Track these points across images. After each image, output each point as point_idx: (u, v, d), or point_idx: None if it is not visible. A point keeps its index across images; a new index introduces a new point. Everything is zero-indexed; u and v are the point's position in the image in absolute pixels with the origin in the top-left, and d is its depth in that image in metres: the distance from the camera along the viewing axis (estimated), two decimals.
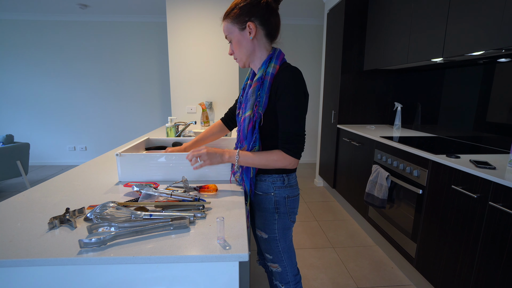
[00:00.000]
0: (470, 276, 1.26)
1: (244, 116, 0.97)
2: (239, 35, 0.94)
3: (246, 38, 0.94)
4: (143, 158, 1.11)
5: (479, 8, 1.46)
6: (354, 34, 2.75)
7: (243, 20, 0.92)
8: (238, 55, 0.98)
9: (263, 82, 0.93)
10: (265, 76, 0.93)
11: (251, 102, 0.94)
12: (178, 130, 2.12)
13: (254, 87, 0.94)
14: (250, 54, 0.97)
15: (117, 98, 4.49)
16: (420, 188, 1.60)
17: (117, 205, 0.77)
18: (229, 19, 0.94)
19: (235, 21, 0.93)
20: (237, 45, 0.96)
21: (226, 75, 3.34)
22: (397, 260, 1.94)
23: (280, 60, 0.95)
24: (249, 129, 0.95)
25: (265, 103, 0.92)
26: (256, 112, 0.93)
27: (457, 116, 2.03)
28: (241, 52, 0.97)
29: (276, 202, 1.01)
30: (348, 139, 2.63)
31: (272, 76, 0.92)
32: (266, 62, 0.95)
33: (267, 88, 0.92)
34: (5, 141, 3.26)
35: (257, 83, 0.94)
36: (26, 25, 4.15)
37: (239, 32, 0.94)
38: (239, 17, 0.92)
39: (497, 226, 1.13)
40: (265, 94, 0.92)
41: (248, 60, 0.99)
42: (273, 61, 0.94)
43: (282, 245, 1.04)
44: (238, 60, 0.99)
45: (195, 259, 0.62)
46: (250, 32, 0.93)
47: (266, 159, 0.92)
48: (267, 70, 0.93)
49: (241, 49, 0.96)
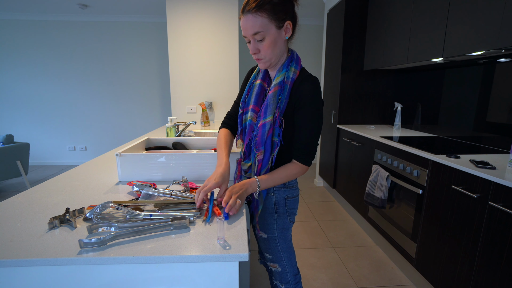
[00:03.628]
0: (470, 276, 1.26)
1: (264, 122, 0.89)
2: (276, 34, 0.84)
3: (282, 38, 0.86)
4: (143, 158, 1.11)
5: (479, 8, 1.46)
6: (354, 34, 2.75)
7: (281, 18, 0.83)
8: (268, 55, 0.86)
9: (284, 87, 0.88)
10: (286, 80, 0.89)
11: (272, 107, 0.88)
12: (178, 130, 2.12)
13: (275, 91, 0.89)
14: (280, 55, 0.89)
15: (117, 98, 4.49)
16: (420, 188, 1.60)
17: (116, 205, 0.77)
18: (264, 12, 0.80)
19: (273, 16, 0.81)
20: (272, 44, 0.84)
21: (226, 75, 3.34)
22: (397, 260, 1.94)
23: (299, 65, 0.92)
24: (268, 135, 0.89)
25: (284, 108, 0.89)
26: (278, 118, 0.89)
27: (457, 116, 2.03)
28: (273, 53, 0.86)
29: (275, 202, 1.01)
30: (348, 139, 2.63)
31: (293, 81, 0.89)
32: (287, 66, 0.90)
33: (288, 93, 0.89)
34: (5, 141, 3.26)
35: (278, 87, 0.89)
36: (26, 25, 4.15)
37: (276, 30, 0.83)
38: (278, 13, 0.81)
39: (497, 226, 1.13)
40: (285, 99, 0.88)
41: (276, 61, 0.90)
42: (293, 65, 0.90)
43: (281, 245, 1.04)
44: (265, 60, 0.88)
45: (195, 259, 0.62)
46: (286, 32, 0.86)
47: (286, 175, 0.91)
48: (287, 74, 0.89)
49: (275, 49, 0.86)
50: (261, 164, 0.93)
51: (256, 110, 0.94)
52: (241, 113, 1.00)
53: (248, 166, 0.98)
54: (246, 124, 0.97)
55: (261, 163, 0.92)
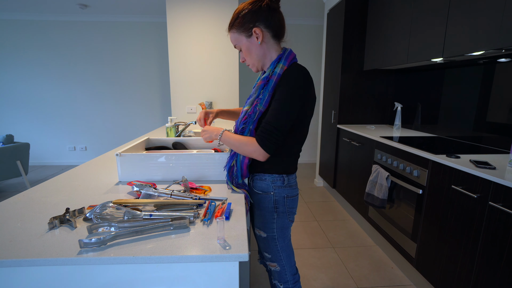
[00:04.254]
0: (470, 276, 1.26)
1: (243, 110, 1.00)
2: (247, 43, 0.96)
3: (254, 44, 0.96)
4: (143, 158, 1.11)
5: (479, 8, 1.46)
6: (354, 34, 2.75)
7: (248, 27, 0.94)
8: (250, 61, 1.00)
9: (268, 81, 0.94)
10: (271, 75, 0.94)
11: (251, 99, 0.97)
12: (178, 130, 2.12)
13: (259, 85, 0.96)
14: (261, 58, 0.98)
15: (117, 98, 4.49)
16: (420, 188, 1.60)
17: (116, 205, 0.77)
18: (234, 29, 0.96)
19: (240, 29, 0.95)
20: (247, 52, 0.98)
21: (226, 75, 3.34)
22: (397, 260, 1.94)
23: (289, 61, 0.95)
24: (241, 122, 0.98)
25: (267, 101, 0.93)
26: (254, 108, 0.94)
27: (457, 116, 2.03)
28: (252, 58, 0.99)
29: (275, 201, 1.01)
30: (348, 139, 2.63)
31: (279, 76, 0.92)
32: (275, 62, 0.95)
33: (272, 87, 0.92)
34: (5, 141, 3.26)
35: (262, 81, 0.95)
36: (26, 25, 4.15)
37: (246, 39, 0.96)
38: (244, 25, 0.94)
39: (497, 226, 1.13)
40: (268, 92, 0.93)
41: (261, 64, 1.00)
42: (282, 61, 0.94)
43: (280, 244, 1.05)
44: (251, 66, 1.01)
45: (195, 259, 0.62)
46: (257, 37, 0.94)
47: (240, 141, 0.94)
48: (274, 70, 0.94)
49: (252, 55, 0.98)
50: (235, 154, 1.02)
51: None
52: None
53: None
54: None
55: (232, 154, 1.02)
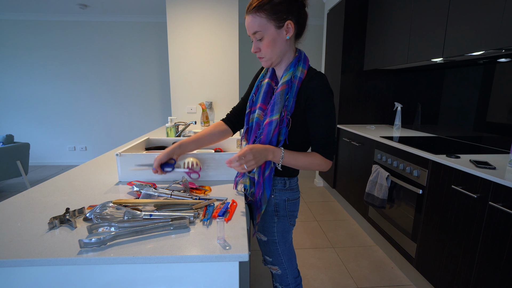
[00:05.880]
0: (470, 276, 1.26)
1: (270, 120, 0.89)
2: (275, 34, 0.85)
3: (282, 37, 0.86)
4: (143, 158, 1.11)
5: (479, 8, 1.46)
6: (354, 34, 2.75)
7: (281, 18, 0.83)
8: (268, 54, 0.88)
9: (291, 86, 0.88)
10: (293, 79, 0.89)
11: (279, 106, 0.88)
12: (178, 130, 2.12)
13: (282, 89, 0.89)
14: (281, 54, 0.90)
15: (117, 98, 4.49)
16: (420, 188, 1.60)
17: (116, 205, 0.77)
18: (263, 13, 0.82)
19: (272, 17, 0.83)
20: (271, 44, 0.86)
21: (226, 75, 3.34)
22: (397, 260, 1.94)
23: (307, 65, 0.92)
24: (274, 134, 0.88)
25: (292, 107, 0.88)
26: (285, 117, 0.88)
27: (457, 116, 2.03)
28: (273, 52, 0.88)
29: (275, 204, 0.99)
30: (348, 139, 2.63)
31: (300, 80, 0.88)
32: (294, 65, 0.90)
33: (295, 92, 0.88)
34: (5, 141, 3.26)
35: (285, 85, 0.89)
36: (26, 25, 4.15)
37: (275, 30, 0.84)
38: (277, 13, 0.82)
39: (497, 226, 1.13)
40: (292, 98, 0.88)
41: (278, 60, 0.91)
42: (301, 64, 0.90)
43: (281, 248, 1.03)
44: (266, 59, 0.90)
45: (195, 259, 0.62)
46: (287, 31, 0.86)
47: (310, 161, 0.89)
48: (295, 73, 0.89)
49: (275, 49, 0.87)
50: (264, 164, 0.91)
51: (263, 108, 0.94)
52: (248, 112, 1.00)
53: None
54: (253, 123, 0.97)
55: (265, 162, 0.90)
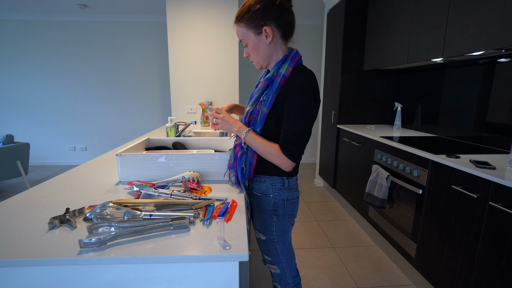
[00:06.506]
0: (470, 276, 1.26)
1: (245, 110, 0.99)
2: (256, 40, 0.92)
3: (263, 42, 0.92)
4: (143, 158, 1.11)
5: (479, 8, 1.46)
6: (354, 34, 2.75)
7: (258, 25, 0.90)
8: (255, 59, 0.97)
9: (272, 82, 0.92)
10: (275, 76, 0.92)
11: (253, 99, 0.97)
12: (178, 130, 2.12)
13: (262, 85, 0.95)
14: (267, 57, 0.96)
15: (117, 98, 4.49)
16: (420, 188, 1.60)
17: (116, 205, 0.77)
18: (242, 23, 0.91)
19: (250, 25, 0.90)
20: (254, 49, 0.94)
21: (226, 75, 3.34)
22: (397, 260, 1.94)
23: (294, 62, 0.93)
24: (246, 121, 0.97)
25: (270, 103, 0.91)
26: (258, 110, 0.93)
27: (457, 116, 2.03)
28: (258, 56, 0.95)
29: (274, 204, 1.00)
30: (348, 139, 2.63)
31: (284, 77, 0.90)
32: (279, 63, 0.93)
33: (276, 88, 0.90)
34: (5, 141, 3.26)
35: (265, 82, 0.94)
36: (26, 25, 4.14)
37: (255, 36, 0.92)
38: (254, 21, 0.89)
39: (497, 226, 1.13)
40: (272, 94, 0.91)
41: (266, 63, 0.98)
42: (287, 62, 0.92)
43: (280, 247, 1.03)
44: (255, 63, 0.98)
45: (195, 259, 0.62)
46: (267, 36, 0.91)
47: (266, 148, 0.91)
48: (279, 71, 0.92)
49: (258, 53, 0.94)
50: (238, 148, 1.00)
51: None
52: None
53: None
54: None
55: (238, 147, 1.00)
